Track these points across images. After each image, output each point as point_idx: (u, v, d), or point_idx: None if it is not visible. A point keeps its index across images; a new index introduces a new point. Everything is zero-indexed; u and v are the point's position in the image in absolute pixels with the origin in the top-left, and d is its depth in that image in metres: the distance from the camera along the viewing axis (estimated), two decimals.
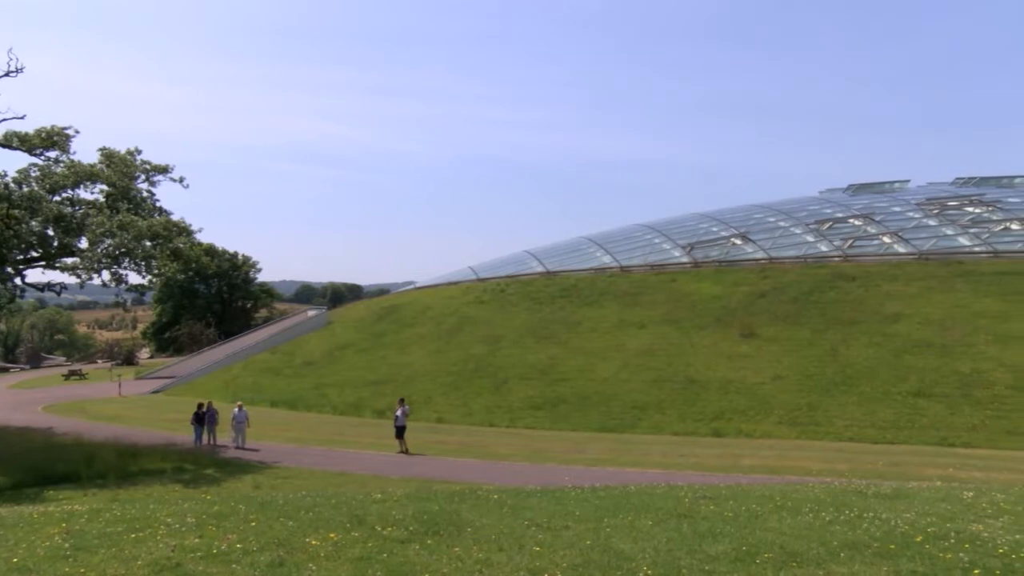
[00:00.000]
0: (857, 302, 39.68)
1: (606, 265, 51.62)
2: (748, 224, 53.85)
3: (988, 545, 8.94)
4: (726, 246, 50.87)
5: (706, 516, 10.62)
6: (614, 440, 29.35)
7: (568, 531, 9.68)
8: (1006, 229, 49.12)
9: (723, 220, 56.02)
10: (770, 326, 38.39)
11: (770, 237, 50.80)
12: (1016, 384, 30.93)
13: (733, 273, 46.08)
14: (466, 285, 56.15)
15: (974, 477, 20.08)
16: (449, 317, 49.02)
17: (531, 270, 54.60)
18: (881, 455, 25.32)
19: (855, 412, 30.31)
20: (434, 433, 31.35)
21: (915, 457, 24.98)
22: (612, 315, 43.06)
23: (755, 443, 28.22)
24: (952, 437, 27.90)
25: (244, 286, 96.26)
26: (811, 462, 23.79)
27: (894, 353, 34.27)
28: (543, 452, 26.88)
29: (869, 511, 10.95)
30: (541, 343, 41.24)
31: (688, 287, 44.92)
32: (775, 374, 33.89)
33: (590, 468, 23.33)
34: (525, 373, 38.04)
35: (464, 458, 25.82)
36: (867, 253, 47.34)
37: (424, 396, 37.48)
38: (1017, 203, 53.80)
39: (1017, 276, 41.05)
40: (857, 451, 26.29)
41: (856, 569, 7.94)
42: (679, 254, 50.86)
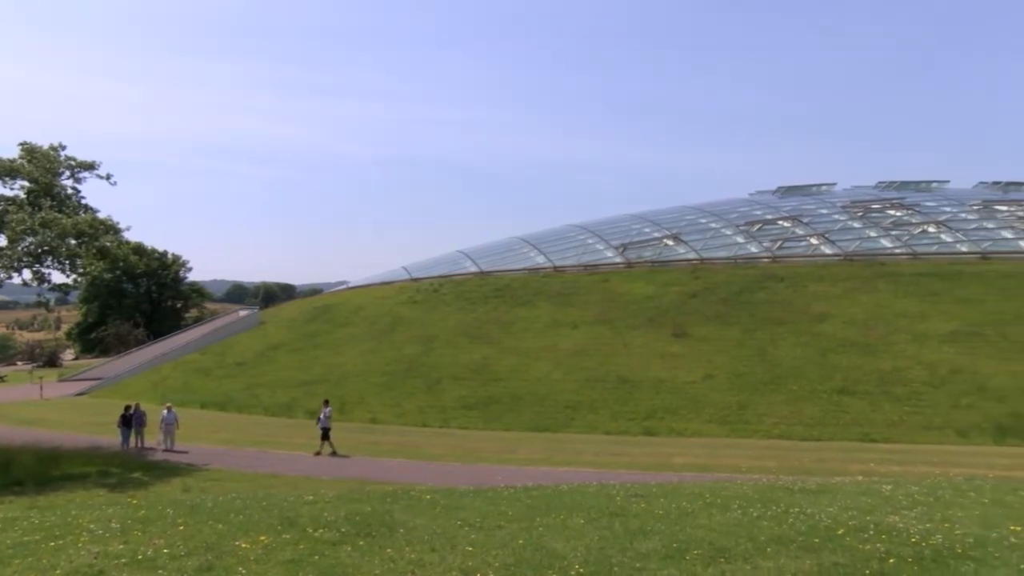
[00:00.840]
0: (785, 302, 40.51)
1: (540, 265, 51.82)
2: (680, 225, 54.56)
3: (903, 535, 9.24)
4: (659, 247, 51.47)
5: (637, 514, 10.73)
6: (547, 440, 29.46)
7: (501, 531, 9.69)
8: (924, 232, 50.74)
9: (656, 221, 56.67)
10: (701, 326, 38.96)
11: (702, 238, 51.55)
12: (931, 381, 31.98)
13: (665, 273, 46.65)
14: (399, 285, 55.87)
15: (892, 471, 20.64)
16: (382, 317, 48.71)
17: (465, 270, 54.55)
18: (807, 452, 25.88)
19: (783, 410, 30.94)
20: (367, 434, 31.10)
21: (839, 453, 25.60)
22: (545, 315, 43.24)
23: (686, 441, 28.59)
24: (873, 433, 28.70)
25: (174, 285, 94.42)
26: (741, 459, 24.17)
27: (820, 352, 35.08)
28: (476, 452, 26.85)
29: (795, 506, 11.20)
30: (474, 343, 41.23)
31: (621, 287, 45.33)
32: (706, 373, 34.40)
33: (523, 468, 23.37)
34: (458, 373, 37.97)
35: (397, 458, 25.67)
36: (795, 254, 48.36)
37: (357, 396, 37.17)
38: (933, 207, 55.61)
39: (934, 277, 42.43)
40: (785, 448, 26.82)
41: (782, 563, 8.11)
42: (612, 254, 51.30)
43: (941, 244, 49.29)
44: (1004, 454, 25.84)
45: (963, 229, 50.92)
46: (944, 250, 48.24)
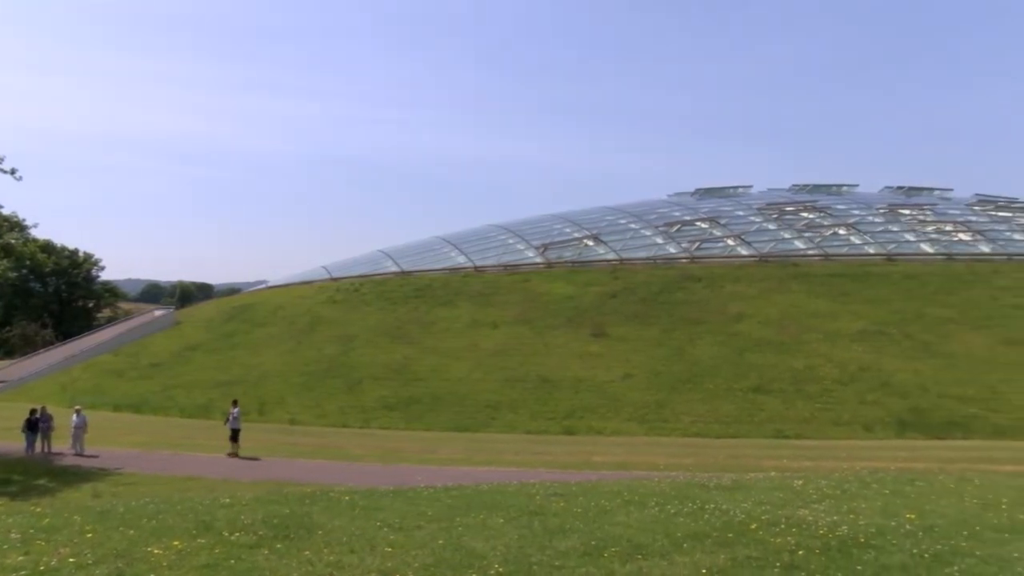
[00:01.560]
0: (703, 302, 41.31)
1: (460, 265, 51.81)
2: (600, 226, 55.15)
3: (812, 528, 9.56)
4: (579, 247, 51.94)
5: (557, 513, 10.83)
6: (468, 439, 29.48)
7: (420, 531, 9.69)
8: (835, 234, 52.38)
9: (576, 221, 57.17)
10: (621, 326, 39.46)
11: (621, 239, 52.19)
12: (841, 379, 33.06)
13: (585, 274, 47.11)
14: (319, 284, 55.23)
15: (804, 466, 21.24)
16: (302, 317, 48.09)
17: (385, 270, 54.22)
18: (723, 449, 26.44)
19: (700, 408, 31.55)
20: (287, 435, 30.68)
21: (754, 450, 26.22)
22: (466, 315, 43.26)
23: (606, 440, 28.92)
24: (787, 429, 29.51)
25: (85, 285, 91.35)
26: (659, 457, 24.54)
27: (736, 351, 35.88)
28: (397, 452, 26.72)
29: (711, 503, 11.44)
30: (395, 343, 41.02)
31: (541, 287, 45.62)
32: (625, 372, 34.86)
33: (443, 468, 23.33)
34: (379, 373, 37.74)
35: (317, 459, 25.36)
36: (712, 255, 49.35)
37: (276, 397, 36.63)
38: (844, 209, 57.44)
39: (844, 278, 43.84)
40: (702, 445, 27.34)
41: (698, 558, 8.29)
42: (533, 255, 51.59)
43: (851, 246, 50.95)
44: (905, 447, 26.95)
45: (871, 231, 52.72)
46: (853, 251, 49.90)
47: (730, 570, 7.88)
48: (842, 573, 7.73)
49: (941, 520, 10.26)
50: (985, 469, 21.89)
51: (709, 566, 7.99)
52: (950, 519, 10.39)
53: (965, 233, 54.17)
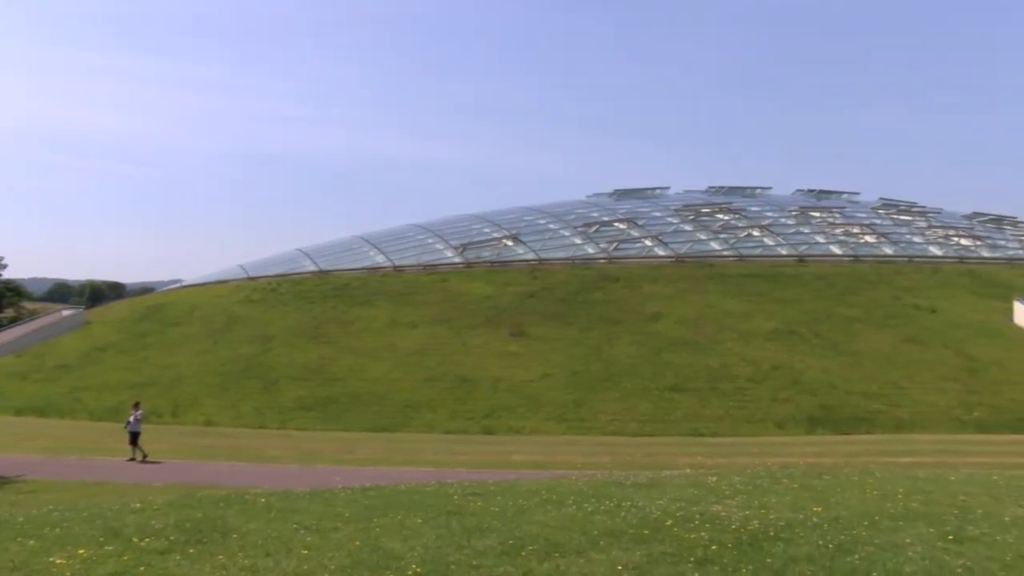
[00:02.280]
0: (621, 302, 41.84)
1: (379, 265, 51.46)
2: (519, 226, 55.37)
3: (725, 523, 9.78)
4: (498, 247, 52.07)
5: (475, 512, 10.84)
6: (386, 440, 29.32)
7: (337, 532, 9.60)
8: (749, 235, 53.64)
9: (495, 221, 57.29)
10: (539, 325, 39.69)
11: (540, 239, 52.51)
12: (755, 377, 33.91)
13: (504, 274, 47.26)
14: (236, 284, 54.18)
15: (719, 463, 21.69)
16: (218, 316, 47.12)
17: (304, 269, 53.49)
18: (640, 447, 26.84)
19: (617, 407, 31.96)
20: (202, 436, 30.04)
21: (670, 447, 26.69)
22: (385, 315, 42.98)
23: (524, 439, 29.07)
24: (702, 427, 30.11)
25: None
26: (577, 456, 24.78)
27: (653, 351, 36.45)
28: (314, 453, 26.42)
29: (627, 500, 11.59)
30: (313, 343, 40.52)
31: (460, 287, 45.61)
32: (544, 372, 35.08)
33: (362, 468, 23.17)
34: (296, 373, 37.23)
35: (233, 462, 24.89)
36: (630, 255, 50.02)
37: (191, 398, 35.82)
38: (758, 212, 58.92)
39: (758, 278, 44.96)
40: (619, 444, 27.70)
41: (614, 555, 8.40)
42: (452, 254, 51.53)
43: (764, 247, 52.28)
44: (814, 443, 27.82)
45: (783, 233, 54.16)
46: (766, 253, 51.21)
47: (646, 566, 8.00)
48: (753, 566, 7.92)
49: (845, 512, 10.63)
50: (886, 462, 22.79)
51: (625, 563, 8.10)
52: (853, 510, 10.77)
53: (871, 235, 56.09)
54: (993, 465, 22.30)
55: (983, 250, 56.96)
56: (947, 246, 56.82)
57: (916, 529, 9.66)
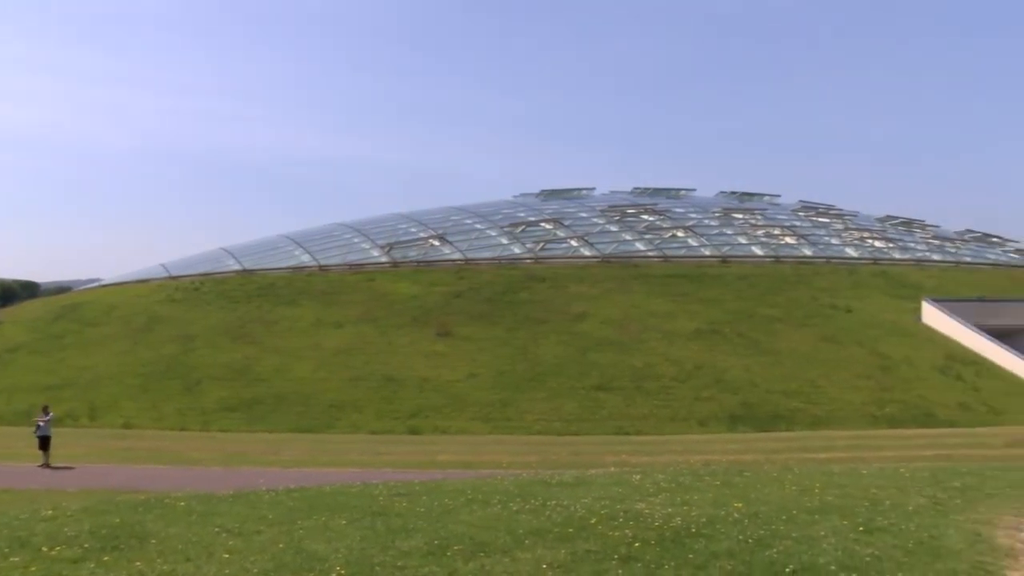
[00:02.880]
0: (547, 302, 42.08)
1: (305, 264, 50.85)
2: (446, 226, 55.28)
3: (648, 520, 9.93)
4: (424, 247, 51.91)
5: (400, 513, 10.81)
6: (311, 440, 29.00)
7: (260, 535, 9.48)
8: (673, 236, 54.51)
9: (422, 221, 57.10)
10: (466, 325, 39.69)
11: (467, 239, 52.51)
12: (678, 376, 34.46)
13: (430, 273, 47.14)
14: (158, 283, 52.93)
15: (643, 461, 21.95)
16: (138, 316, 45.98)
17: (227, 268, 52.54)
18: (566, 446, 27.04)
19: (544, 407, 32.15)
20: (120, 439, 29.27)
21: (596, 446, 26.94)
22: (310, 314, 42.50)
23: (451, 439, 29.05)
24: (627, 426, 30.49)
25: None
26: (503, 455, 24.84)
27: (579, 350, 36.75)
28: (238, 455, 25.99)
29: (552, 499, 11.67)
30: (236, 343, 39.84)
31: (386, 287, 45.34)
32: (470, 372, 35.10)
33: (286, 469, 22.87)
34: (220, 374, 36.56)
35: (153, 465, 24.31)
36: (556, 256, 50.35)
37: (110, 400, 34.88)
38: (682, 212, 59.88)
39: (682, 279, 45.72)
40: (545, 443, 27.86)
41: (539, 553, 8.46)
42: (378, 254, 51.19)
43: (688, 248, 53.15)
44: (736, 440, 28.41)
45: (707, 234, 55.14)
46: (690, 253, 52.07)
47: (570, 564, 8.08)
48: (675, 562, 8.06)
49: (764, 507, 10.88)
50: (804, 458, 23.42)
51: (550, 561, 8.16)
52: (772, 505, 11.04)
53: (791, 237, 57.47)
54: (901, 458, 23.09)
55: (895, 252, 58.83)
56: (862, 248, 58.54)
57: (830, 522, 9.96)
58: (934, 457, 24.29)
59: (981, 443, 29.06)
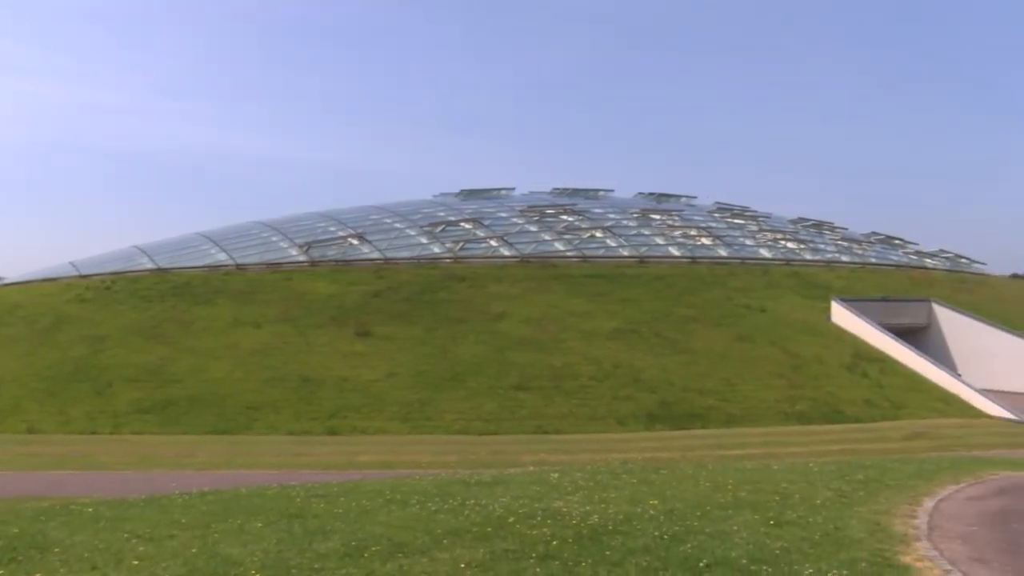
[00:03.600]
0: (466, 302, 42.09)
1: (221, 263, 49.86)
2: (365, 225, 54.84)
3: (566, 518, 10.06)
4: (343, 246, 51.43)
5: (317, 514, 10.74)
6: (228, 442, 28.49)
7: (173, 540, 9.30)
8: (592, 236, 55.06)
9: (340, 220, 56.53)
10: (385, 325, 39.45)
11: (386, 238, 52.20)
12: (597, 375, 34.85)
13: (349, 272, 46.72)
14: (66, 282, 51.21)
15: (562, 460, 22.15)
16: (44, 316, 44.43)
17: (141, 267, 51.17)
18: (485, 445, 27.12)
19: (463, 406, 32.16)
20: (24, 445, 28.25)
21: (515, 445, 27.07)
22: (227, 314, 41.69)
23: (370, 439, 28.88)
24: (546, 425, 30.71)
25: None
26: (422, 455, 24.82)
27: (498, 350, 36.86)
28: (151, 458, 25.37)
29: (471, 498, 11.72)
30: (150, 343, 38.84)
31: (304, 286, 44.78)
32: (389, 371, 34.90)
33: (202, 472, 22.44)
34: (132, 375, 35.59)
35: (61, 471, 23.54)
36: (476, 255, 50.38)
37: (12, 404, 33.62)
38: (601, 213, 60.55)
39: (601, 279, 46.24)
40: (465, 443, 27.90)
41: (457, 553, 8.50)
42: (296, 253, 50.51)
43: (607, 248, 53.74)
44: (653, 438, 28.89)
45: (625, 235, 55.85)
46: (609, 254, 52.67)
47: (489, 563, 8.14)
48: (593, 559, 8.18)
49: (680, 504, 11.13)
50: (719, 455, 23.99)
51: (468, 561, 8.21)
52: (687, 502, 11.30)
53: (707, 238, 58.59)
54: (811, 454, 23.87)
55: (806, 253, 60.49)
56: (775, 249, 60.01)
57: (743, 516, 10.28)
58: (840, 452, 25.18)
59: (883, 437, 30.28)
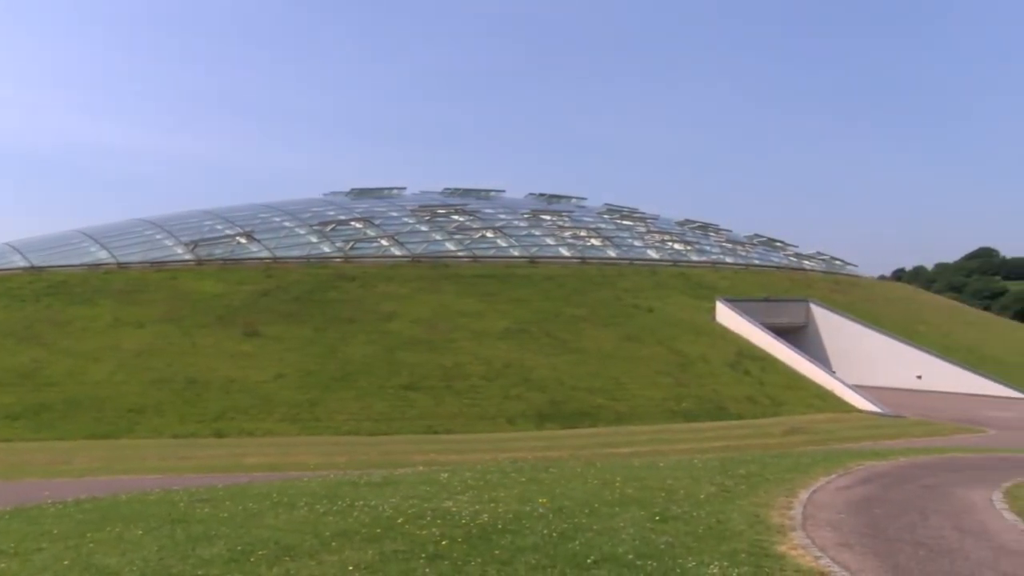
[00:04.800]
0: (356, 301, 41.70)
1: (102, 261, 48.04)
2: (254, 223, 53.73)
3: (455, 518, 10.11)
4: (231, 244, 50.26)
5: (201, 519, 10.50)
6: (108, 447, 27.46)
7: (42, 553, 8.94)
8: (483, 237, 55.30)
9: (228, 218, 55.23)
10: (274, 325, 38.73)
11: (275, 237, 51.26)
12: (487, 375, 35.03)
13: (237, 272, 45.69)
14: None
15: (452, 460, 22.19)
16: None
17: (12, 265, 48.83)
18: (376, 446, 26.95)
19: (353, 407, 31.86)
20: None
21: (405, 446, 26.99)
22: (107, 314, 40.19)
23: (258, 441, 28.33)
24: (437, 425, 30.70)
25: None
26: (312, 457, 24.49)
27: (388, 350, 36.65)
28: (21, 466, 24.19)
29: (360, 499, 11.66)
30: (23, 345, 37.10)
31: (190, 285, 43.57)
32: (278, 372, 34.28)
33: (79, 479, 21.55)
34: (3, 379, 33.95)
35: None
36: (366, 255, 49.96)
37: None
38: (492, 214, 60.84)
39: (491, 279, 46.50)
40: (355, 444, 27.65)
41: (346, 555, 8.45)
42: (182, 251, 49.11)
43: (497, 248, 54.01)
44: (543, 437, 29.22)
45: (516, 235, 56.25)
46: (500, 254, 52.96)
47: (378, 565, 8.12)
48: (482, 558, 8.25)
49: (568, 502, 11.32)
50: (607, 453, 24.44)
51: (357, 563, 8.17)
52: (576, 500, 11.50)
53: (596, 239, 59.54)
54: (696, 450, 24.54)
55: (692, 254, 62.12)
56: (663, 250, 61.43)
57: (630, 513, 10.53)
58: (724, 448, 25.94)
59: (764, 433, 31.39)
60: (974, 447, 25.70)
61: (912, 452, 21.06)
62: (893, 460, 18.07)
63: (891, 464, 17.22)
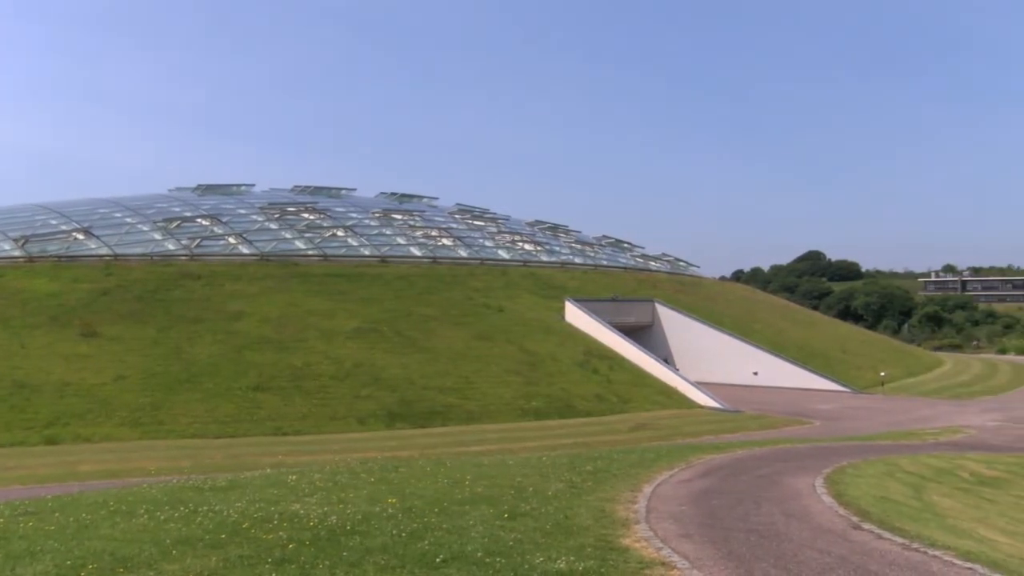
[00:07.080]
0: (202, 300, 40.40)
1: None
2: (92, 219, 51.20)
3: (303, 520, 10.02)
4: (67, 240, 47.70)
5: (25, 535, 9.97)
6: None
7: None
8: (334, 235, 54.65)
9: (64, 213, 52.38)
10: (114, 325, 37.03)
11: (116, 233, 49.02)
12: (337, 375, 34.65)
13: (74, 269, 43.42)
14: None
15: (301, 461, 21.89)
16: None
17: None
18: (222, 449, 26.24)
19: (198, 409, 30.86)
20: None
21: (253, 448, 26.39)
22: None
23: (95, 447, 27.05)
24: (286, 426, 30.15)
25: None
26: (153, 462, 23.63)
27: (236, 350, 35.68)
28: None
29: (204, 505, 11.37)
30: None
31: (19, 283, 41.06)
32: (118, 374, 32.79)
33: None
34: None
35: None
36: (213, 253, 48.48)
37: None
38: (343, 212, 60.18)
39: (342, 278, 46.00)
40: (200, 447, 26.84)
41: (188, 563, 8.22)
42: (10, 247, 46.26)
43: (348, 247, 53.46)
44: (394, 437, 29.18)
45: (367, 234, 55.82)
46: (350, 253, 52.44)
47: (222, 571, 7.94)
48: (330, 561, 8.20)
49: (418, 501, 11.39)
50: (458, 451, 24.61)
51: (200, 570, 7.97)
52: (426, 499, 11.58)
53: (448, 239, 59.78)
54: (545, 448, 25.07)
55: (542, 255, 63.25)
56: (513, 250, 62.28)
57: (479, 511, 10.68)
58: (573, 445, 26.60)
59: (611, 429, 32.34)
60: (802, 438, 27.40)
61: (749, 445, 22.23)
62: (731, 453, 19.03)
63: (729, 456, 18.12)
